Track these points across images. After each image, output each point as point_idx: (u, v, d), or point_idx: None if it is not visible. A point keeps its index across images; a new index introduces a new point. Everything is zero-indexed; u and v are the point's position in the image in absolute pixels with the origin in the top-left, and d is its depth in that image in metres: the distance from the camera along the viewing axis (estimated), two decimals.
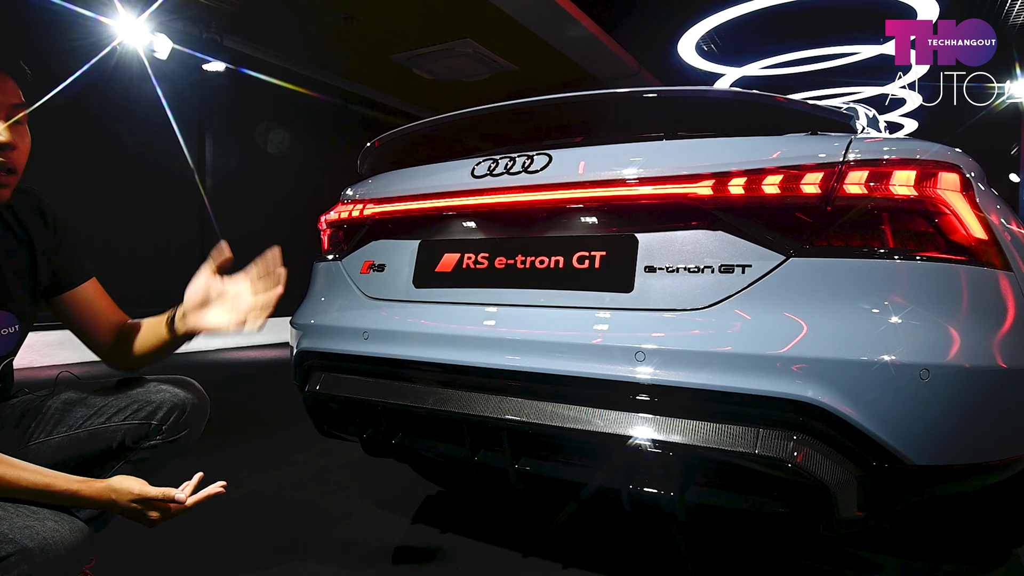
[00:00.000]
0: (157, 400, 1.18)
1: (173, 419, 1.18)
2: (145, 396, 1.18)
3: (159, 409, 1.17)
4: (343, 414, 1.65)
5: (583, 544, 1.84)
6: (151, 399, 1.18)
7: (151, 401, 1.18)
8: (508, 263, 1.42)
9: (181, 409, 1.19)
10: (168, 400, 1.19)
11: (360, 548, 1.82)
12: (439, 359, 1.41)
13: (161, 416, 1.17)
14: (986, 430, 1.17)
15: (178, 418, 1.18)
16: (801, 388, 1.08)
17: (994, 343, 1.15)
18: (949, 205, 1.17)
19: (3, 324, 1.08)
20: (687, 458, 1.15)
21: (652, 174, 1.27)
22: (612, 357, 1.21)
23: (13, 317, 1.10)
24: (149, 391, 1.20)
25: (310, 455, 2.71)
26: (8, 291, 1.08)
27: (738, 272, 1.18)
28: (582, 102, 1.52)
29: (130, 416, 1.15)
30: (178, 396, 1.20)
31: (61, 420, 1.15)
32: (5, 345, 1.10)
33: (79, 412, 1.16)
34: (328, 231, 1.86)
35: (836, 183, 1.16)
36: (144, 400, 1.18)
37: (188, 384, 1.25)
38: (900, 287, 1.12)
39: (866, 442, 1.07)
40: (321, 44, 7.43)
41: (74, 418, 1.15)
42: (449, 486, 2.32)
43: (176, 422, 1.18)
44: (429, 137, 1.76)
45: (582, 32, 7.26)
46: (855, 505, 1.11)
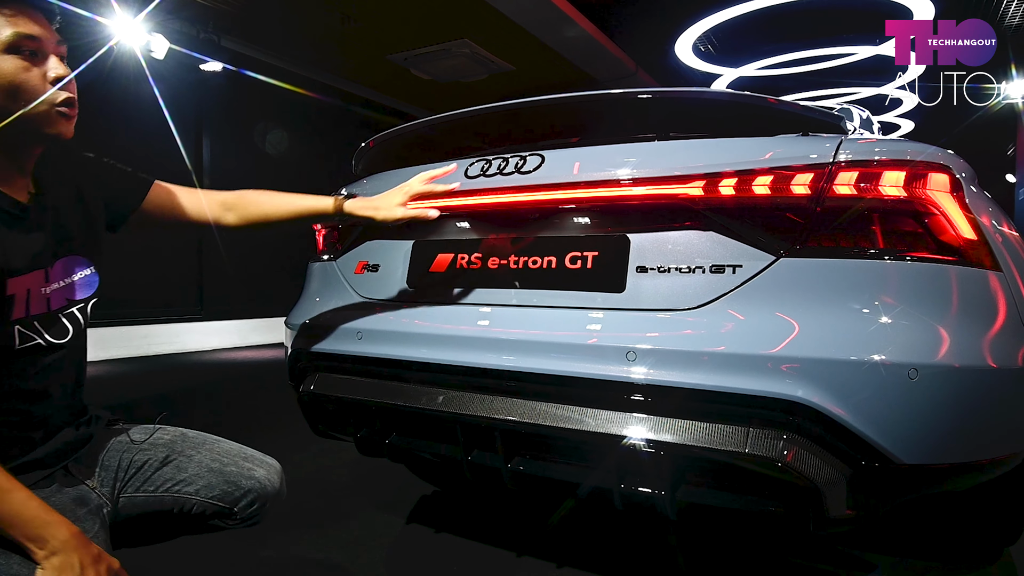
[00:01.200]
0: (245, 487, 1.17)
1: (253, 509, 1.18)
2: (236, 479, 1.17)
3: (245, 496, 1.16)
4: (337, 414, 1.66)
5: (577, 543, 1.85)
6: (240, 484, 1.17)
7: (240, 487, 1.16)
8: (501, 263, 1.42)
9: (263, 502, 1.19)
10: (255, 489, 1.17)
11: (355, 548, 1.83)
12: (433, 359, 1.41)
13: (243, 505, 1.17)
14: (975, 429, 1.18)
15: (258, 509, 1.18)
16: (791, 388, 1.08)
17: (983, 343, 1.16)
18: (939, 206, 1.18)
19: (76, 268, 1.10)
20: (678, 457, 1.15)
21: (644, 175, 1.28)
22: (604, 357, 1.21)
23: (86, 260, 1.12)
24: (241, 472, 1.18)
25: (306, 455, 2.71)
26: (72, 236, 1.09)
27: (729, 272, 1.19)
28: (575, 103, 1.53)
29: (215, 497, 1.15)
30: (265, 488, 1.19)
31: (150, 479, 1.15)
32: (86, 288, 1.11)
33: (168, 473, 1.16)
34: (323, 231, 1.86)
35: (826, 184, 1.17)
36: (234, 483, 1.16)
37: (276, 471, 1.24)
38: (890, 287, 1.13)
39: (855, 441, 1.08)
40: (318, 44, 7.43)
41: (163, 478, 1.15)
42: (444, 486, 2.32)
43: (254, 513, 1.19)
44: (423, 138, 1.76)
45: (579, 33, 7.27)
46: (844, 504, 1.11)
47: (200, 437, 1.24)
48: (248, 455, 1.23)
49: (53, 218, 1.06)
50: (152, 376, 5.16)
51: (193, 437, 1.23)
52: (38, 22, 0.98)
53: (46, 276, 1.03)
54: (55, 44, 1.00)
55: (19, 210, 1.00)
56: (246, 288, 7.51)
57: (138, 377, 5.03)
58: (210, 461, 1.18)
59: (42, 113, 0.97)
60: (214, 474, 1.17)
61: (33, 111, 0.96)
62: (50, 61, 0.98)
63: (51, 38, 0.99)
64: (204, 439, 1.24)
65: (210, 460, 1.19)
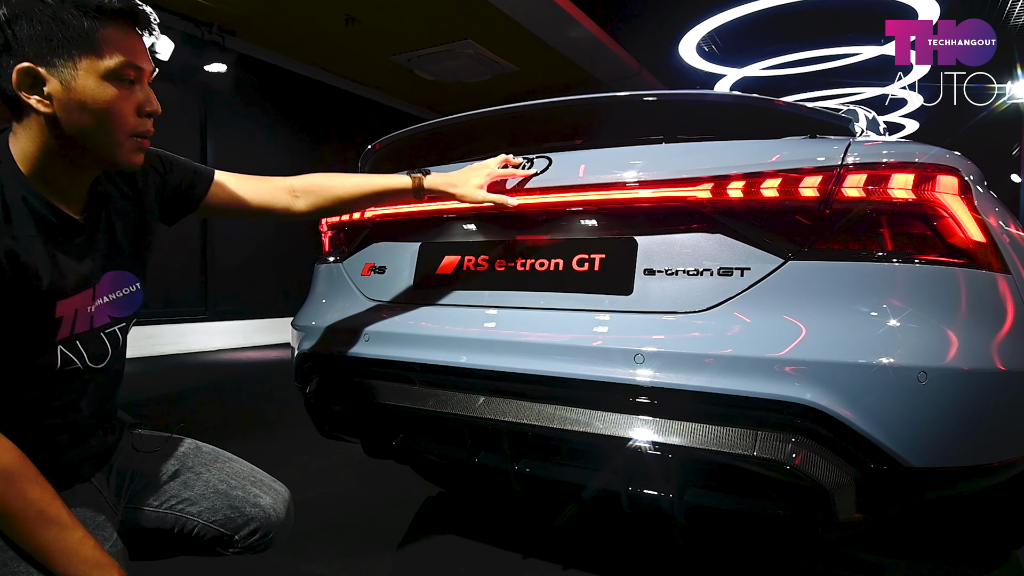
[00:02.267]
0: (249, 514, 1.14)
1: (256, 538, 1.15)
2: (241, 504, 1.14)
3: (248, 524, 1.14)
4: (344, 415, 1.66)
5: (583, 545, 1.85)
6: (244, 511, 1.14)
7: (244, 513, 1.14)
8: (508, 265, 1.42)
9: (266, 531, 1.16)
10: (259, 517, 1.15)
11: (361, 549, 1.83)
12: (440, 361, 1.41)
13: (246, 533, 1.14)
14: (984, 432, 1.17)
15: (260, 538, 1.16)
16: (799, 391, 1.08)
17: (992, 346, 1.15)
18: (947, 208, 1.18)
19: (123, 284, 1.06)
20: (686, 460, 1.15)
21: (651, 177, 1.28)
22: (611, 359, 1.21)
23: (133, 276, 1.08)
24: (247, 499, 1.15)
25: (311, 456, 2.71)
26: (122, 250, 1.05)
27: (737, 275, 1.19)
28: (582, 105, 1.53)
29: (218, 521, 1.13)
30: (269, 518, 1.16)
31: (156, 493, 1.13)
32: (128, 306, 1.07)
33: (174, 489, 1.13)
34: (329, 233, 1.87)
35: (834, 186, 1.17)
36: (238, 509, 1.14)
37: (284, 500, 1.20)
38: (898, 290, 1.12)
39: (864, 444, 1.08)
40: (323, 45, 7.44)
41: (168, 494, 1.13)
42: (450, 487, 2.32)
43: (257, 542, 1.16)
44: (430, 140, 1.77)
45: (583, 33, 7.27)
46: (853, 507, 1.11)
47: (213, 454, 1.22)
48: (257, 479, 1.20)
49: (107, 231, 1.03)
50: (157, 376, 5.18)
51: (206, 453, 1.21)
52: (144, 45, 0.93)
53: (93, 294, 0.99)
54: (152, 66, 0.95)
55: (74, 229, 0.96)
56: (251, 289, 7.53)
57: (143, 377, 5.05)
58: (217, 482, 1.16)
59: (120, 144, 0.92)
60: (219, 496, 1.14)
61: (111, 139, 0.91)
62: (144, 90, 0.94)
63: (149, 60, 0.94)
64: (216, 456, 1.22)
65: (218, 481, 1.16)
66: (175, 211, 1.18)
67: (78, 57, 0.86)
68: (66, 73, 0.86)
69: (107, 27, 0.87)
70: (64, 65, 0.85)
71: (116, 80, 0.89)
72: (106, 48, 0.87)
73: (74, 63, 0.86)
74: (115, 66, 0.88)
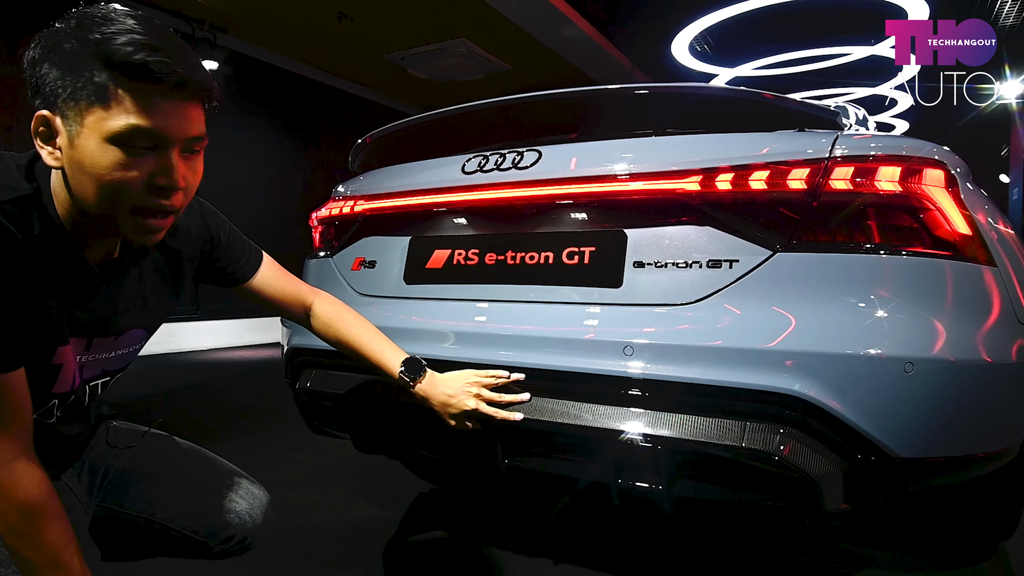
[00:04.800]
0: (225, 520, 1.09)
1: (231, 545, 1.11)
2: (216, 510, 1.09)
3: (223, 530, 1.09)
4: (334, 411, 1.65)
5: (573, 540, 1.85)
6: (220, 517, 1.09)
7: (219, 519, 1.09)
8: (498, 259, 1.42)
9: (242, 536, 1.11)
10: (235, 524, 1.10)
11: (352, 545, 1.83)
12: (430, 355, 1.41)
13: (221, 540, 1.10)
14: (970, 423, 1.18)
15: (236, 544, 1.11)
16: (788, 381, 1.08)
17: (978, 337, 1.16)
18: (934, 201, 1.18)
19: (132, 342, 1.01)
20: (675, 452, 1.15)
21: (641, 170, 1.28)
22: (600, 352, 1.21)
23: (145, 333, 1.04)
24: (223, 504, 1.10)
25: (303, 454, 2.70)
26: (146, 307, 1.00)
27: (726, 267, 1.19)
28: (573, 98, 1.53)
29: (191, 528, 1.08)
30: (246, 524, 1.11)
31: (127, 494, 1.09)
32: (121, 361, 1.03)
33: (147, 491, 1.08)
34: (319, 228, 1.86)
35: (822, 179, 1.17)
36: (213, 515, 1.09)
37: (261, 504, 1.15)
38: (885, 281, 1.13)
39: (851, 435, 1.08)
40: (315, 43, 7.41)
41: (140, 495, 1.08)
42: (441, 483, 2.32)
43: (233, 548, 1.12)
44: (420, 134, 1.76)
45: (576, 32, 7.28)
46: (841, 497, 1.11)
47: (190, 452, 1.17)
48: (235, 482, 1.15)
49: (132, 286, 0.96)
50: (147, 376, 5.14)
51: (184, 451, 1.17)
52: (178, 111, 0.78)
53: (87, 346, 0.93)
54: (188, 137, 0.80)
55: (88, 278, 0.88)
56: None
57: (133, 377, 5.01)
58: (193, 486, 1.11)
59: (119, 217, 0.80)
60: (194, 501, 1.09)
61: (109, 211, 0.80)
62: (165, 159, 0.79)
63: (185, 129, 0.79)
64: (194, 455, 1.17)
65: (193, 484, 1.11)
66: (207, 278, 1.15)
67: (86, 111, 0.75)
68: (73, 127, 0.76)
69: (124, 82, 0.74)
70: (74, 118, 0.76)
71: (122, 145, 0.76)
72: (117, 107, 0.74)
73: (81, 118, 0.75)
74: (120, 129, 0.75)
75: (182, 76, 0.77)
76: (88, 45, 0.74)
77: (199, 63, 0.80)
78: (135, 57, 0.74)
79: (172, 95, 0.77)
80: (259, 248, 1.20)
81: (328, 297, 1.28)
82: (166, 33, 0.78)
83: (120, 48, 0.73)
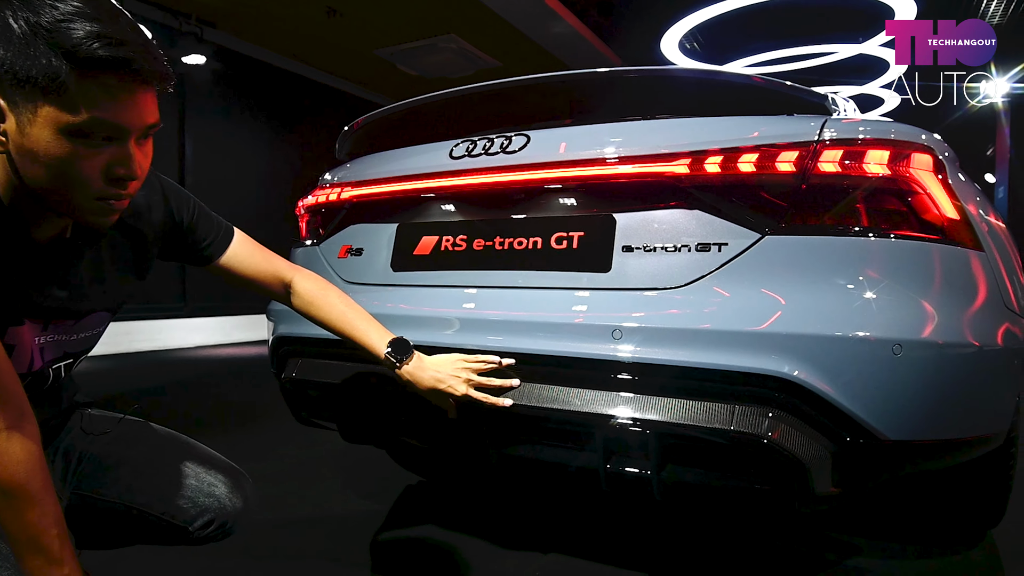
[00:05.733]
0: (204, 504, 1.07)
1: (211, 529, 1.08)
2: (194, 495, 1.07)
3: (202, 515, 1.07)
4: (320, 400, 1.63)
5: (562, 530, 1.84)
6: (198, 501, 1.07)
7: (197, 504, 1.06)
8: (487, 244, 1.41)
9: (223, 521, 1.09)
10: (214, 508, 1.07)
11: (340, 538, 1.81)
12: (417, 341, 1.39)
13: (200, 524, 1.07)
14: (957, 406, 1.18)
15: (216, 529, 1.09)
16: (776, 364, 1.08)
17: (964, 321, 1.16)
18: (922, 185, 1.18)
19: (94, 324, 0.98)
20: (663, 436, 1.14)
21: (629, 153, 1.27)
22: (589, 336, 1.20)
23: (108, 315, 1.01)
24: (200, 488, 1.08)
25: (292, 448, 2.68)
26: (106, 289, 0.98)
27: (715, 250, 1.18)
28: (561, 82, 1.52)
29: (169, 513, 1.06)
30: (225, 508, 1.08)
31: (103, 480, 1.06)
32: (84, 344, 1.00)
33: (122, 477, 1.06)
34: (306, 216, 1.84)
35: (811, 162, 1.17)
36: (191, 499, 1.06)
37: (241, 488, 1.12)
38: (873, 264, 1.13)
39: (840, 417, 1.08)
40: (304, 38, 7.37)
41: (116, 482, 1.05)
42: (429, 476, 2.31)
43: (213, 532, 1.09)
44: (408, 119, 1.75)
45: (566, 29, 7.28)
46: (830, 481, 1.11)
47: (167, 437, 1.14)
48: (214, 466, 1.12)
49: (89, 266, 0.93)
50: (134, 373, 5.09)
51: (161, 436, 1.14)
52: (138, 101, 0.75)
53: (44, 327, 0.90)
54: (146, 125, 0.78)
55: (36, 257, 0.84)
56: None
57: (119, 373, 4.96)
58: (170, 470, 1.08)
59: (79, 205, 0.78)
60: (171, 486, 1.07)
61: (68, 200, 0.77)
62: (123, 149, 0.76)
63: (144, 119, 0.77)
64: (170, 439, 1.14)
65: (170, 469, 1.08)
66: (174, 256, 1.11)
67: (39, 101, 0.70)
68: (24, 115, 0.71)
69: (84, 75, 0.70)
70: (24, 105, 0.71)
71: (79, 137, 0.73)
72: (75, 99, 0.70)
73: (34, 106, 0.71)
74: (80, 123, 0.71)
75: (144, 69, 0.74)
76: (39, 31, 0.69)
77: (155, 48, 0.76)
78: (100, 53, 0.70)
79: (133, 88, 0.74)
80: (230, 225, 1.16)
81: (309, 274, 1.22)
82: (118, 15, 0.74)
83: (82, 43, 0.69)
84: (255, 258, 1.16)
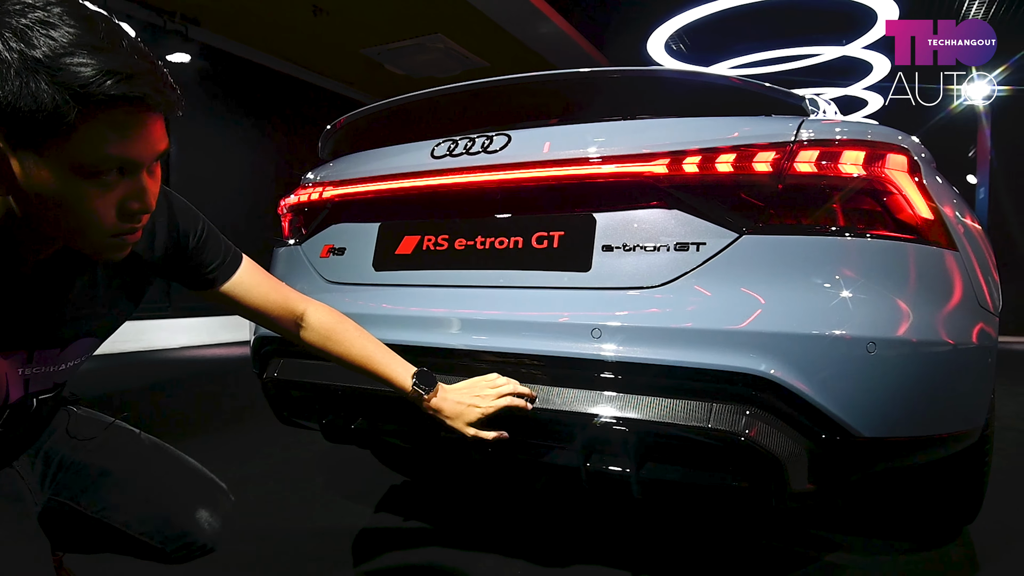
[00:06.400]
0: (183, 527, 1.03)
1: (187, 552, 1.05)
2: (174, 517, 1.03)
3: (181, 538, 1.03)
4: (303, 400, 1.62)
5: (544, 530, 1.84)
6: (177, 524, 1.03)
7: (176, 526, 1.03)
8: (468, 244, 1.41)
9: (202, 544, 1.05)
10: (193, 531, 1.04)
11: (323, 538, 1.80)
12: (400, 341, 1.39)
13: (177, 547, 1.03)
14: (931, 404, 1.20)
15: (196, 551, 1.06)
16: (753, 362, 1.09)
17: (938, 319, 1.18)
18: (897, 185, 1.20)
19: (81, 352, 0.94)
20: (643, 433, 1.15)
21: (609, 153, 1.28)
22: (569, 335, 1.21)
23: (97, 341, 0.96)
24: (181, 508, 1.04)
25: (276, 448, 2.67)
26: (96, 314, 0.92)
27: (693, 250, 1.19)
28: (543, 83, 1.53)
29: (145, 533, 1.02)
30: (204, 531, 1.04)
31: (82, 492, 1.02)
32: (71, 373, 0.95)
33: (102, 491, 1.02)
34: (288, 216, 1.83)
35: (787, 162, 1.18)
36: (170, 521, 1.03)
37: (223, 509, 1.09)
38: (849, 263, 1.14)
39: (816, 415, 1.09)
40: (290, 37, 7.32)
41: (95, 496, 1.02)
42: (412, 475, 2.30)
43: (189, 555, 1.06)
44: (391, 118, 1.74)
45: (552, 29, 7.29)
46: (806, 478, 1.12)
47: (152, 450, 1.10)
48: (197, 484, 1.09)
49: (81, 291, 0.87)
50: (118, 373, 5.03)
51: (146, 448, 1.10)
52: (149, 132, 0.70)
53: (28, 358, 0.85)
54: (157, 154, 0.73)
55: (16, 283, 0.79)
56: None
57: (104, 374, 4.90)
58: (150, 490, 1.04)
59: (93, 243, 0.74)
60: (151, 505, 1.03)
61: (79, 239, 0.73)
62: (137, 182, 0.72)
63: (155, 149, 0.72)
64: (156, 454, 1.10)
65: (151, 487, 1.04)
66: (174, 277, 1.03)
67: (43, 139, 0.64)
68: (28, 158, 0.65)
69: (93, 113, 0.64)
70: (23, 142, 0.64)
71: (90, 176, 0.67)
72: (84, 138, 0.64)
73: (37, 147, 0.64)
74: (90, 163, 0.66)
75: (156, 100, 0.68)
76: (39, 66, 0.61)
77: (162, 72, 0.70)
78: (111, 92, 0.63)
79: (144, 119, 0.68)
80: (239, 251, 1.07)
81: (322, 306, 1.14)
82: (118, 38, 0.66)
83: (90, 82, 0.62)
84: (263, 287, 1.08)
